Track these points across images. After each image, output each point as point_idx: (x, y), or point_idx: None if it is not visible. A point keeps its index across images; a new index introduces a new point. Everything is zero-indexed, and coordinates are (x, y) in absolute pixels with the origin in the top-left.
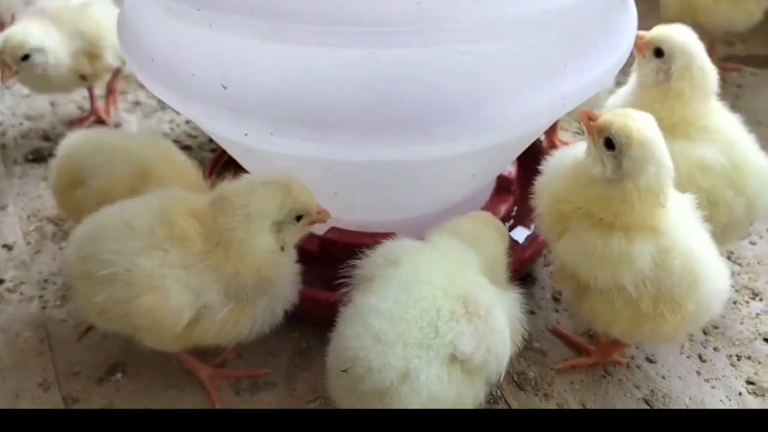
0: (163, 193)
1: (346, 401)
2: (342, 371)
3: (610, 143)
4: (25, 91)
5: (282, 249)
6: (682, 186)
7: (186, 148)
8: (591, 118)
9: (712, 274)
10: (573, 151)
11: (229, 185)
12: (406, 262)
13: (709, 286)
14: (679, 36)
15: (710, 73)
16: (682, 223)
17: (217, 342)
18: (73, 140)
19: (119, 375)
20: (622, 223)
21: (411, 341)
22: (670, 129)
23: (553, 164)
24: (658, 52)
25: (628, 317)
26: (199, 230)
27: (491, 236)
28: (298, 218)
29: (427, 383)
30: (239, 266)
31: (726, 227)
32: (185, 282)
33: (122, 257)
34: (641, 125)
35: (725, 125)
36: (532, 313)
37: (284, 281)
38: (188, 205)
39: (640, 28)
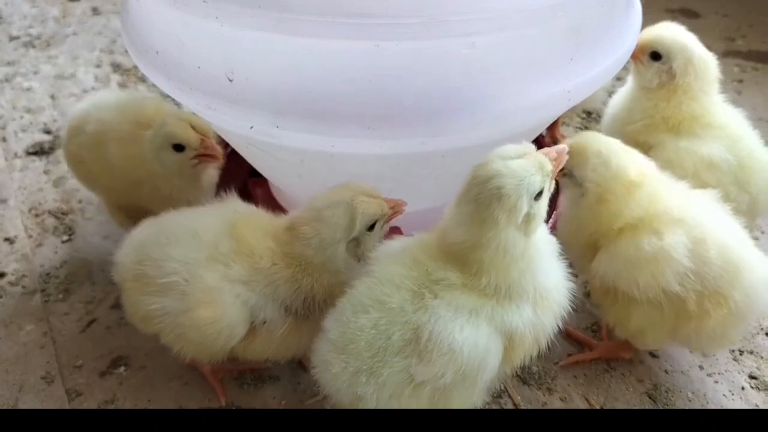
0: (233, 205)
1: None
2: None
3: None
4: (26, 84)
5: (359, 260)
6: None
7: None
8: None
9: (754, 261)
10: None
11: (298, 214)
12: (373, 275)
13: (753, 274)
14: (671, 34)
15: (710, 60)
16: (710, 214)
17: (266, 357)
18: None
19: (122, 368)
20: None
21: (360, 369)
22: (676, 126)
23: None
24: (655, 56)
25: (673, 319)
26: (271, 246)
27: None
28: (373, 226)
29: (380, 406)
30: (315, 283)
31: None
32: (244, 298)
33: (184, 266)
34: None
35: (729, 121)
36: None
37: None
38: (259, 221)
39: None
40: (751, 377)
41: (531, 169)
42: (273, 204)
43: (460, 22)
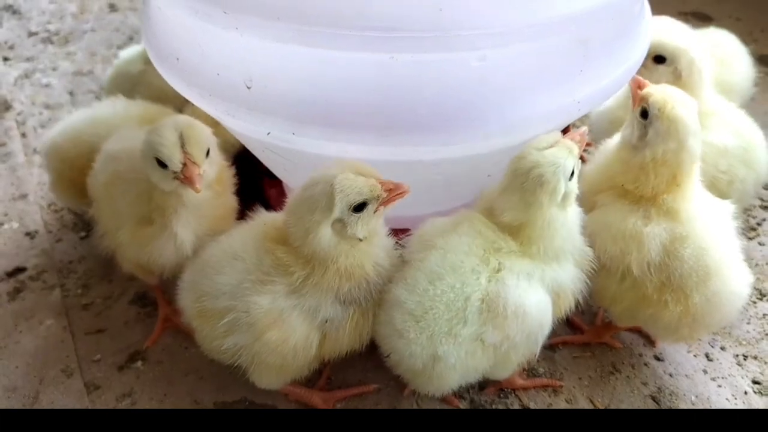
0: (261, 218)
1: (402, 375)
2: (386, 357)
3: (644, 112)
4: (45, 80)
5: (361, 240)
6: (703, 172)
7: None
8: (639, 87)
9: (729, 275)
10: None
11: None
12: (439, 247)
13: (721, 284)
14: (672, 36)
15: (705, 55)
16: (706, 219)
17: (345, 351)
18: None
19: (139, 363)
20: (640, 192)
21: (438, 332)
22: None
23: (599, 150)
24: (659, 59)
25: (632, 298)
26: (294, 255)
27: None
28: (360, 208)
29: (459, 362)
30: (332, 278)
31: (737, 200)
32: (301, 306)
33: (237, 293)
34: (678, 104)
35: (722, 107)
36: None
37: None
38: (277, 229)
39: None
40: (755, 382)
41: (564, 155)
42: None
43: (472, 36)
